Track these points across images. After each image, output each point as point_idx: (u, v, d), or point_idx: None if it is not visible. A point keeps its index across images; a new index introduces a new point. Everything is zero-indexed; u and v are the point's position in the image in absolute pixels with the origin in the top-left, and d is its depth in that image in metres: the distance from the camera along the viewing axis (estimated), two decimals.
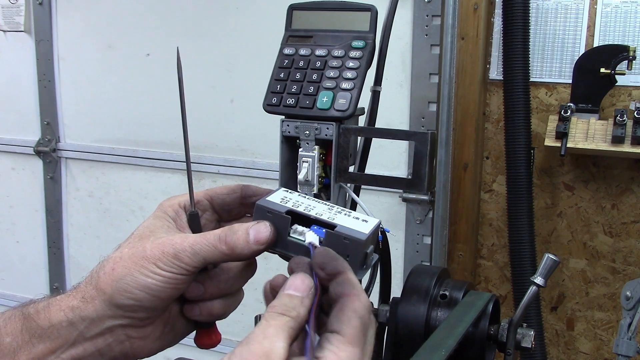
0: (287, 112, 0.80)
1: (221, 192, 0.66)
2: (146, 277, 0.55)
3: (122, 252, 0.59)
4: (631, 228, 1.82)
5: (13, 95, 2.46)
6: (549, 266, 0.86)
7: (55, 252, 2.51)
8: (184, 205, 0.64)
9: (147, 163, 2.28)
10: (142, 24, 2.20)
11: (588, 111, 1.73)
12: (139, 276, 0.56)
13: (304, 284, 0.52)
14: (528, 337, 0.88)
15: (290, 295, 0.51)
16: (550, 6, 1.79)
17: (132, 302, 0.56)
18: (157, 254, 0.56)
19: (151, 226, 0.61)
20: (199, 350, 0.66)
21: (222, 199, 0.66)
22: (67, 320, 0.57)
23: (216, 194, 0.66)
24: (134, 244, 0.58)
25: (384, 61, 0.84)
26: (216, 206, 0.67)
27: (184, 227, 0.62)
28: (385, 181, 0.83)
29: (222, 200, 0.67)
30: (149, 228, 0.60)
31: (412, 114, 1.90)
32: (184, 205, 0.64)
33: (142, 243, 0.58)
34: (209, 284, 0.60)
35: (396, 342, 0.93)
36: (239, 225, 0.57)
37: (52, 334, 0.56)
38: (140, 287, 0.56)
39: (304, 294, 0.51)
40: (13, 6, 2.37)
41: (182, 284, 0.57)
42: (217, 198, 0.66)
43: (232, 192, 0.66)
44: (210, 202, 0.67)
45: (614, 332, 1.87)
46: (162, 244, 0.57)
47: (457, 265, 1.94)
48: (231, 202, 0.66)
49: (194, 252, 0.56)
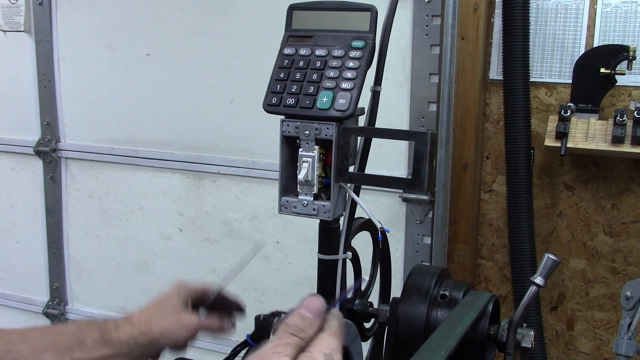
0: (287, 112, 0.81)
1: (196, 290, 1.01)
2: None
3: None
4: (631, 228, 1.82)
5: (13, 95, 2.46)
6: (549, 266, 0.86)
7: (55, 252, 2.51)
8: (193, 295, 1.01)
9: (147, 163, 2.28)
10: (142, 24, 2.20)
11: (588, 111, 1.73)
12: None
13: (316, 306, 0.58)
14: (528, 337, 0.88)
15: (303, 315, 0.58)
16: (550, 6, 1.79)
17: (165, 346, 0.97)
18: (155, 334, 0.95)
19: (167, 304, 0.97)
20: (199, 351, 0.66)
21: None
22: (127, 343, 0.90)
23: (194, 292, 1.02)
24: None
25: (384, 61, 0.84)
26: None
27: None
28: (385, 181, 0.83)
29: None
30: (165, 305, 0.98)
31: (412, 114, 1.90)
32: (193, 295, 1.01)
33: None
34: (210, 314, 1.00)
35: (396, 342, 0.93)
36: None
37: (115, 347, 0.89)
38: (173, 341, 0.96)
39: (315, 316, 0.58)
40: (13, 6, 2.37)
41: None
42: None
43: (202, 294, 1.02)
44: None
45: (614, 332, 1.87)
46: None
47: (457, 265, 1.94)
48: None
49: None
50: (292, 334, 0.56)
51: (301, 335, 0.56)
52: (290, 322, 0.57)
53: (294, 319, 0.57)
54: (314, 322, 0.57)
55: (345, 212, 0.86)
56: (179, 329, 0.92)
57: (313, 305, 0.58)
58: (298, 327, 0.57)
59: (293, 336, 0.56)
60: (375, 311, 1.00)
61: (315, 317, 0.58)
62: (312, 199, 0.82)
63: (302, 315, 0.58)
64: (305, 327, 0.57)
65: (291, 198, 0.83)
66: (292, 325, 0.57)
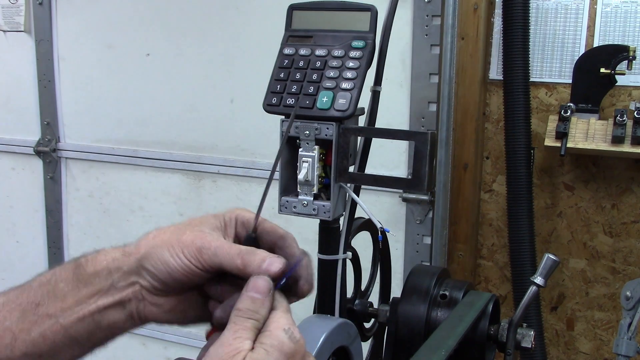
0: (287, 112, 0.80)
1: (268, 231, 0.69)
2: (170, 255, 0.62)
3: (169, 227, 0.66)
4: (631, 228, 1.82)
5: (13, 95, 2.46)
6: (549, 266, 0.86)
7: (55, 252, 2.51)
8: (241, 221, 0.68)
9: (147, 163, 2.28)
10: (142, 24, 2.20)
11: (588, 111, 1.72)
12: (165, 252, 0.62)
13: (263, 285, 0.58)
14: (528, 337, 0.88)
15: (253, 298, 0.57)
16: (550, 6, 1.79)
17: (153, 269, 0.63)
18: (187, 241, 0.63)
19: (204, 219, 0.67)
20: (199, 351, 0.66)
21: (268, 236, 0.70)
22: (107, 269, 0.64)
23: (265, 231, 0.69)
24: (181, 226, 0.66)
25: (384, 61, 0.84)
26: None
27: (230, 235, 0.67)
28: (385, 181, 0.83)
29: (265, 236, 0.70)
30: (201, 220, 0.67)
31: (412, 114, 1.90)
32: (241, 221, 0.68)
33: (186, 228, 0.65)
34: (226, 288, 0.64)
35: (396, 342, 0.93)
36: (261, 251, 0.63)
37: (94, 281, 0.64)
38: (162, 261, 0.62)
39: (264, 296, 0.57)
40: (13, 6, 2.37)
41: (196, 275, 0.62)
42: (262, 234, 0.69)
43: (273, 236, 0.69)
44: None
45: (614, 332, 1.87)
46: (196, 235, 0.63)
47: (457, 265, 1.94)
48: (267, 242, 0.69)
49: (214, 254, 0.62)
50: (247, 318, 0.56)
51: (256, 317, 0.57)
52: (242, 307, 0.57)
53: (245, 302, 0.57)
54: (265, 301, 0.57)
55: (345, 212, 0.86)
56: (173, 245, 0.62)
57: (260, 285, 0.58)
58: (251, 310, 0.57)
59: (249, 319, 0.56)
60: (375, 311, 1.01)
61: (265, 296, 0.58)
62: (312, 199, 0.82)
63: (252, 297, 0.57)
64: (257, 308, 0.57)
65: (291, 198, 0.83)
66: (244, 310, 0.57)
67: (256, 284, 0.58)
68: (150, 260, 0.63)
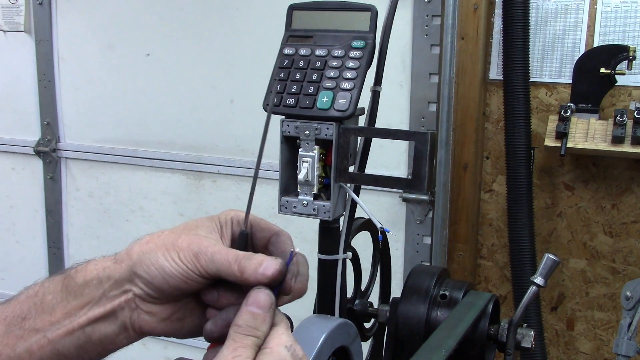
0: (287, 112, 0.80)
1: (262, 228, 0.68)
2: (165, 259, 0.59)
3: (163, 232, 0.63)
4: (631, 228, 1.82)
5: (13, 95, 2.46)
6: (549, 266, 0.86)
7: (55, 252, 2.51)
8: (237, 222, 0.66)
9: (147, 163, 2.28)
10: (142, 24, 2.20)
11: (588, 111, 1.73)
12: (160, 256, 0.59)
13: (264, 300, 0.55)
14: (528, 337, 0.88)
15: (254, 313, 0.54)
16: (550, 6, 1.79)
17: (146, 275, 0.59)
18: (183, 245, 0.59)
19: (200, 223, 0.64)
20: (199, 351, 0.66)
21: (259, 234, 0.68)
22: (97, 278, 0.60)
23: (259, 228, 0.68)
24: (176, 230, 0.63)
25: (384, 61, 0.84)
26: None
27: (227, 237, 0.64)
28: (385, 181, 0.83)
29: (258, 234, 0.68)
30: (197, 223, 0.64)
31: (412, 114, 1.90)
32: (237, 222, 0.66)
33: (181, 232, 0.62)
34: (223, 294, 0.61)
35: (396, 342, 0.93)
36: (259, 255, 0.59)
37: (84, 291, 0.60)
38: (157, 266, 0.59)
39: (265, 311, 0.54)
40: (13, 6, 2.37)
41: (193, 281, 0.59)
42: (257, 231, 0.68)
43: (268, 233, 0.67)
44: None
45: (614, 332, 1.87)
46: (192, 240, 0.60)
47: (457, 265, 1.94)
48: (261, 239, 0.67)
49: (211, 260, 0.58)
50: (247, 335, 0.53)
51: (256, 334, 0.53)
52: (242, 323, 0.54)
53: (245, 318, 0.54)
54: (266, 317, 0.54)
55: (345, 212, 0.86)
56: (168, 249, 0.59)
57: (261, 299, 0.55)
58: (251, 327, 0.53)
59: (249, 336, 0.53)
60: (375, 311, 1.00)
61: (266, 312, 0.54)
62: (312, 199, 0.82)
63: (252, 312, 0.54)
64: (258, 324, 0.54)
65: (291, 198, 0.83)
66: (244, 326, 0.54)
67: (257, 298, 0.55)
68: (143, 265, 0.59)
